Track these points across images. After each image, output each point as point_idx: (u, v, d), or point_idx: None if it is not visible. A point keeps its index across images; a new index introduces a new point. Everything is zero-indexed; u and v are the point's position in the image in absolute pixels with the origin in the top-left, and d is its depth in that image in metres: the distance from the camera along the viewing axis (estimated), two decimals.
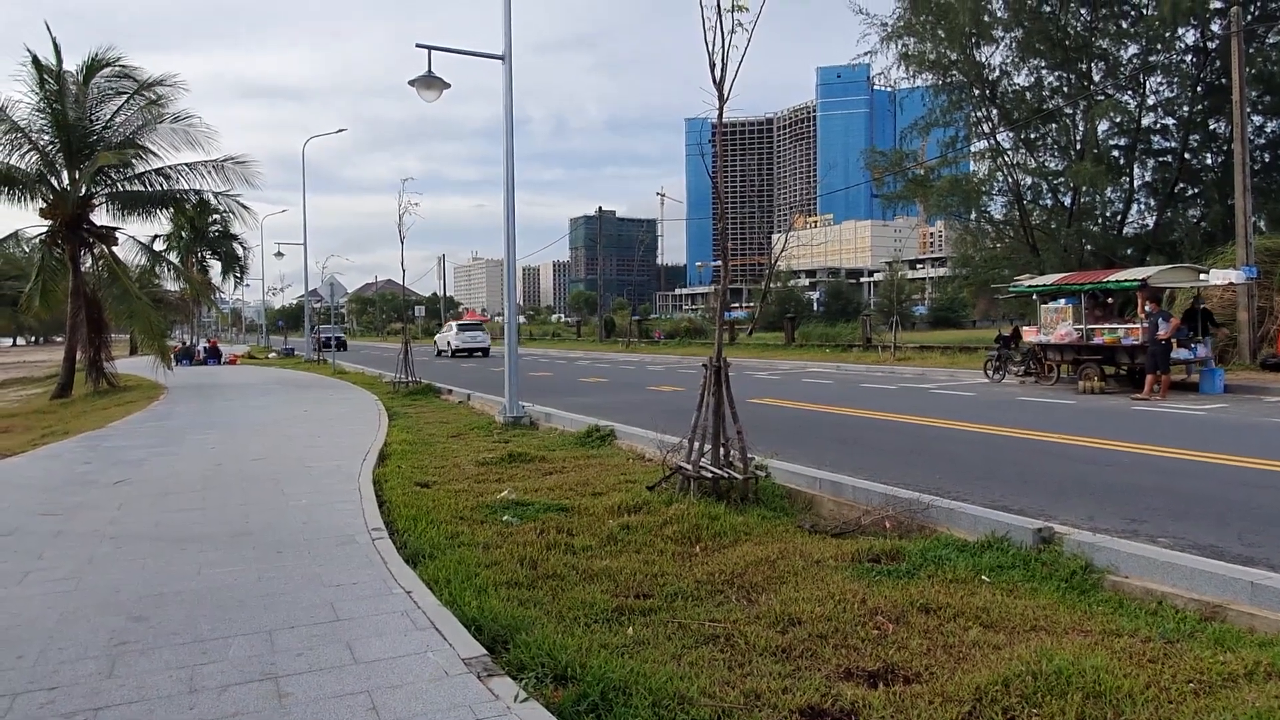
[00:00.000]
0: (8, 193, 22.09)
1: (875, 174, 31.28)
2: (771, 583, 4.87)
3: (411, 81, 13.76)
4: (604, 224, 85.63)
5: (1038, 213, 29.58)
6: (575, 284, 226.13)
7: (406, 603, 4.50)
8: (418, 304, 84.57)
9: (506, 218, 13.20)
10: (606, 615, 4.38)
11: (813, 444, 10.31)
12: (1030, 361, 19.10)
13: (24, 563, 5.46)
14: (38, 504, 7.44)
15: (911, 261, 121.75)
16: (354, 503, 7.16)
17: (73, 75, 22.60)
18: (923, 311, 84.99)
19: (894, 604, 4.43)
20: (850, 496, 6.74)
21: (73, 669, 3.70)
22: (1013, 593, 4.67)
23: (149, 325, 23.78)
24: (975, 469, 8.62)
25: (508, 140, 13.10)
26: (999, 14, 27.04)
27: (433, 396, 18.16)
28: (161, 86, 23.43)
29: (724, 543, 5.74)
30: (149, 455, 10.31)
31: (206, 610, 4.44)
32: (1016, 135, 28.13)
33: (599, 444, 10.30)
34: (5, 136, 21.67)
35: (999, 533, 5.46)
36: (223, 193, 25.36)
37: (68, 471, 9.28)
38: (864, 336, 38.93)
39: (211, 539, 6.01)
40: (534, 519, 6.43)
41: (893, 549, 5.42)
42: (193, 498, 7.54)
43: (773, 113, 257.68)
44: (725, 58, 6.49)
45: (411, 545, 5.75)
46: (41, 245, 23.25)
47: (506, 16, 12.91)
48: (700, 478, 6.79)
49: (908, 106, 30.30)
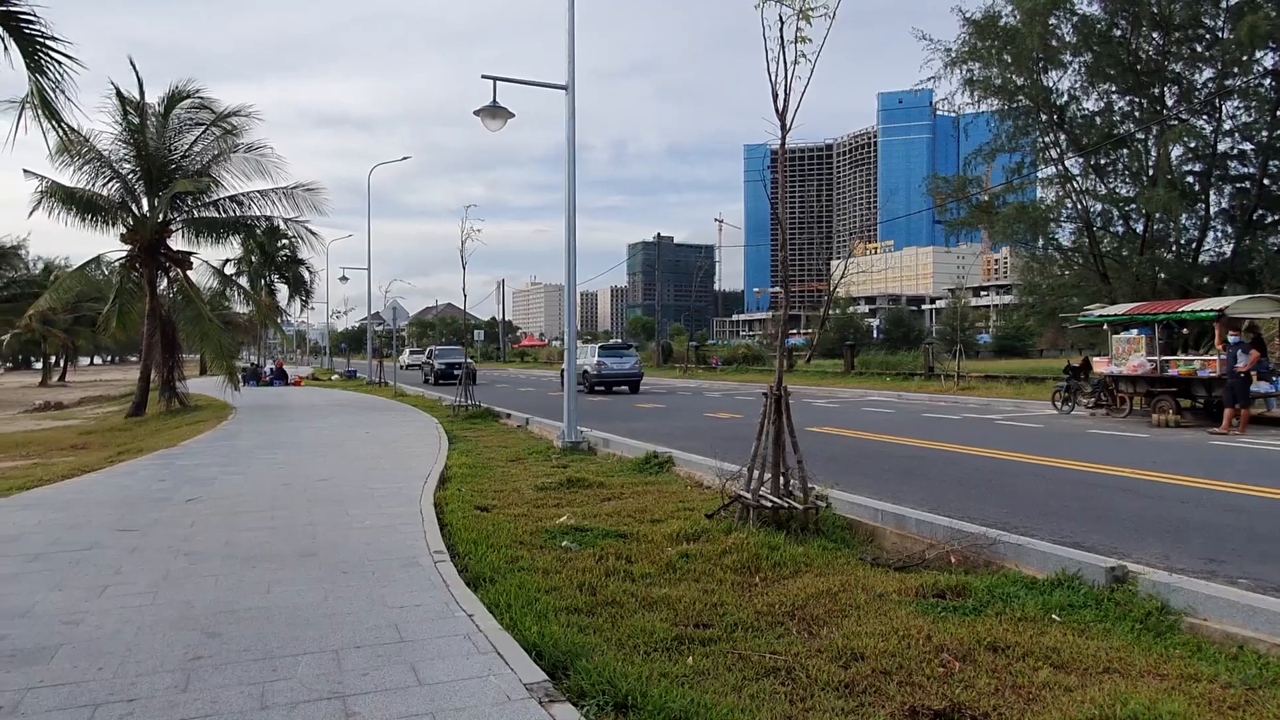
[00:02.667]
0: (91, 218, 23.18)
1: (938, 200, 30.83)
2: (833, 616, 4.79)
3: (477, 111, 14.08)
4: (662, 250, 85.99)
5: (1108, 240, 28.79)
6: (632, 309, 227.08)
7: (468, 626, 4.55)
8: (476, 328, 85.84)
9: (568, 245, 13.36)
10: (666, 644, 4.36)
11: (873, 474, 10.15)
12: (1101, 393, 18.56)
13: (103, 577, 5.66)
14: (115, 520, 7.71)
15: (975, 288, 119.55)
16: (416, 525, 7.27)
17: (153, 107, 23.68)
18: (987, 340, 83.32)
19: (960, 641, 4.33)
20: (914, 529, 6.62)
21: (150, 681, 3.82)
22: (1084, 633, 4.52)
23: (219, 347, 24.60)
24: (1043, 503, 8.39)
25: (569, 167, 13.29)
26: (1068, 39, 26.55)
27: (491, 420, 18.38)
28: (236, 117, 24.43)
29: (784, 573, 5.68)
30: (219, 474, 10.62)
31: (276, 628, 4.55)
32: (1086, 161, 27.48)
33: (657, 470, 10.30)
34: (90, 166, 22.78)
35: (1070, 570, 5.30)
36: (292, 219, 26.28)
37: (143, 489, 9.61)
38: (926, 365, 38.30)
39: (280, 558, 6.15)
40: (593, 545, 6.45)
41: (958, 584, 5.30)
42: (262, 517, 7.74)
43: (832, 138, 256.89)
44: (788, 88, 6.55)
45: (472, 569, 5.81)
46: (121, 269, 24.30)
47: (570, 48, 13.15)
48: (760, 507, 6.74)
49: (972, 132, 29.83)
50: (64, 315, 48.30)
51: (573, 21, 13.05)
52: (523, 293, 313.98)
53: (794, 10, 6.34)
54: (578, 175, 13.47)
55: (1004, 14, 26.78)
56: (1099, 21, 26.20)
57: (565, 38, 13.13)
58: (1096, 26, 26.17)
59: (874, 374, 38.50)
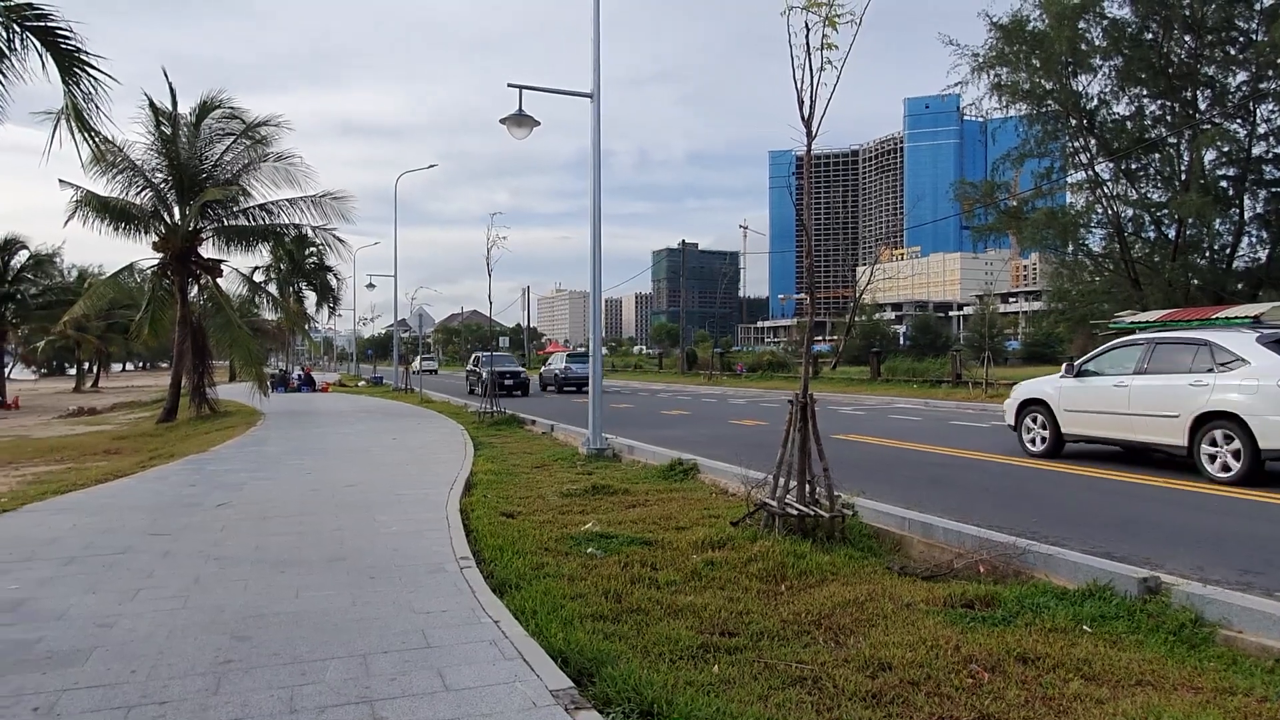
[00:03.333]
0: (124, 227, 23.60)
1: (965, 206, 30.58)
2: (860, 625, 4.76)
3: (503, 120, 14.18)
4: (686, 256, 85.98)
5: (1139, 246, 28.43)
6: (657, 316, 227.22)
7: (494, 632, 4.57)
8: (501, 334, 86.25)
9: (593, 253, 13.40)
10: (692, 652, 4.35)
11: (900, 482, 10.07)
12: None
13: (136, 581, 5.74)
14: (147, 524, 7.83)
15: (1004, 295, 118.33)
16: (442, 531, 7.31)
17: (185, 117, 24.07)
18: (1016, 346, 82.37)
19: (990, 652, 4.28)
20: (941, 538, 6.56)
21: (181, 684, 3.87)
22: (1116, 644, 4.46)
23: (249, 353, 24.93)
24: (1074, 512, 8.28)
25: (595, 175, 13.33)
26: (1097, 42, 26.28)
27: (517, 427, 18.45)
28: (266, 127, 24.76)
29: (810, 582, 5.65)
30: (249, 479, 10.74)
31: (305, 632, 4.59)
32: (1116, 166, 27.15)
33: (682, 478, 10.29)
34: (123, 175, 23.21)
35: (1101, 581, 5.23)
36: (320, 226, 26.58)
37: (174, 493, 9.74)
38: (954, 372, 37.93)
39: (308, 563, 6.21)
40: (618, 552, 6.45)
41: (987, 594, 5.25)
42: (290, 522, 7.82)
43: (858, 144, 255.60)
44: (814, 95, 6.50)
45: (498, 575, 5.84)
46: (153, 276, 24.70)
47: (595, 57, 13.20)
48: (785, 515, 6.71)
49: (1000, 137, 29.57)
50: (97, 322, 49.16)
51: (598, 31, 13.11)
52: (547, 299, 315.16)
53: (820, 17, 6.33)
54: (602, 182, 13.51)
55: (1032, 18, 26.59)
56: (1129, 25, 25.93)
57: (590, 47, 13.19)
58: (1127, 30, 25.90)
59: (901, 381, 38.20)
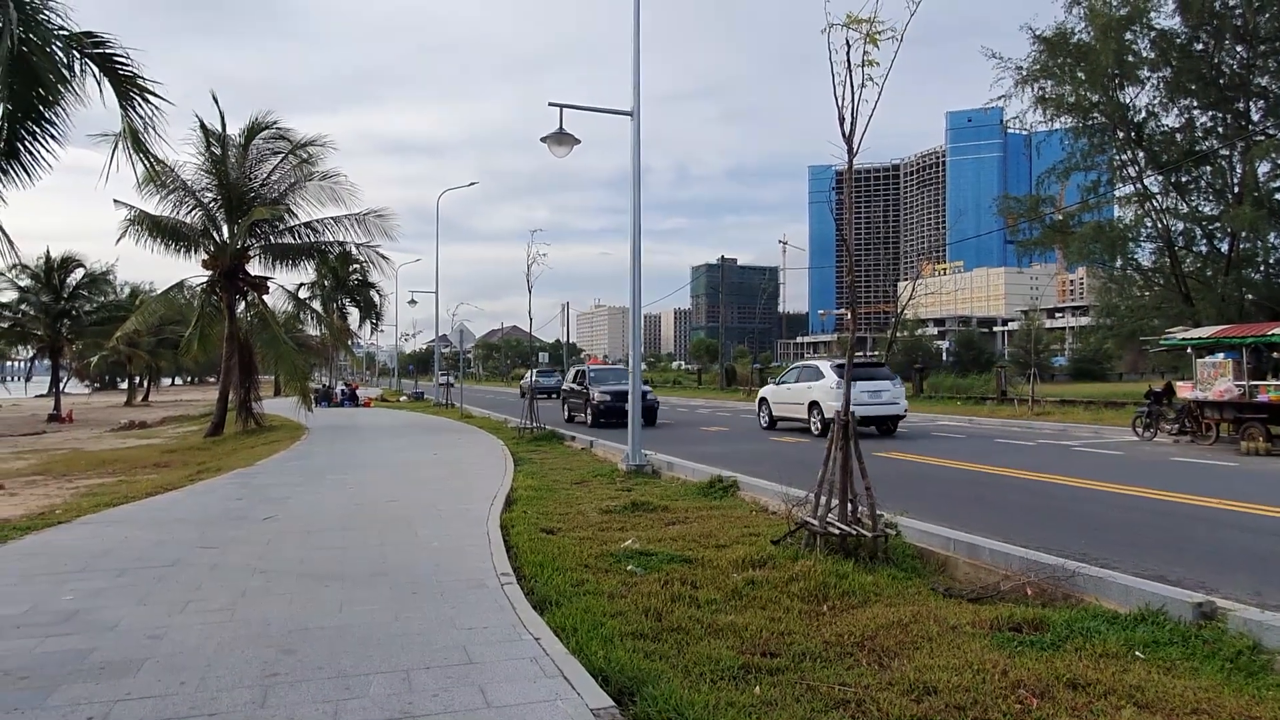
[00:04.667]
0: (175, 245, 24.23)
1: (1010, 220, 30.16)
2: (904, 647, 4.69)
3: (544, 138, 14.31)
4: (725, 272, 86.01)
5: (1190, 260, 27.78)
6: (696, 331, 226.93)
7: (535, 649, 4.58)
8: (541, 350, 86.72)
9: (633, 270, 13.44)
10: (733, 672, 4.32)
11: (944, 501, 9.92)
12: (1185, 419, 17.83)
13: (185, 593, 5.85)
14: (196, 537, 7.98)
15: (1050, 310, 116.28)
16: (482, 547, 7.35)
17: (234, 138, 24.69)
18: (1062, 363, 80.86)
19: (1038, 677, 4.18)
20: (987, 559, 6.44)
21: (229, 696, 3.93)
22: (1170, 671, 4.34)
23: (294, 368, 25.39)
24: (1125, 535, 8.08)
25: (635, 193, 13.39)
26: (1145, 54, 25.82)
27: (556, 442, 18.51)
28: (312, 146, 25.30)
29: (853, 603, 5.58)
30: (293, 493, 10.91)
31: (348, 646, 4.64)
32: (1166, 179, 26.60)
33: (722, 495, 10.24)
34: (174, 195, 23.84)
35: (1154, 605, 5.10)
36: (364, 244, 27.03)
37: (221, 507, 9.92)
38: (999, 389, 37.36)
39: (351, 577, 6.28)
40: (658, 570, 6.43)
41: (1035, 618, 5.13)
42: (334, 536, 7.92)
43: (899, 158, 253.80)
44: (855, 111, 6.49)
45: (539, 592, 5.85)
46: (202, 293, 25.29)
47: (635, 76, 13.28)
48: (827, 534, 6.64)
49: (1045, 150, 29.14)
50: (148, 338, 50.34)
51: (638, 50, 13.19)
52: (586, 315, 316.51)
53: (861, 34, 6.32)
54: (641, 198, 13.56)
55: (1076, 30, 26.22)
56: (1179, 35, 25.45)
57: (630, 66, 13.27)
58: (1176, 41, 25.43)
59: (944, 397, 37.70)
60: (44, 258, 47.60)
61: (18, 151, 9.18)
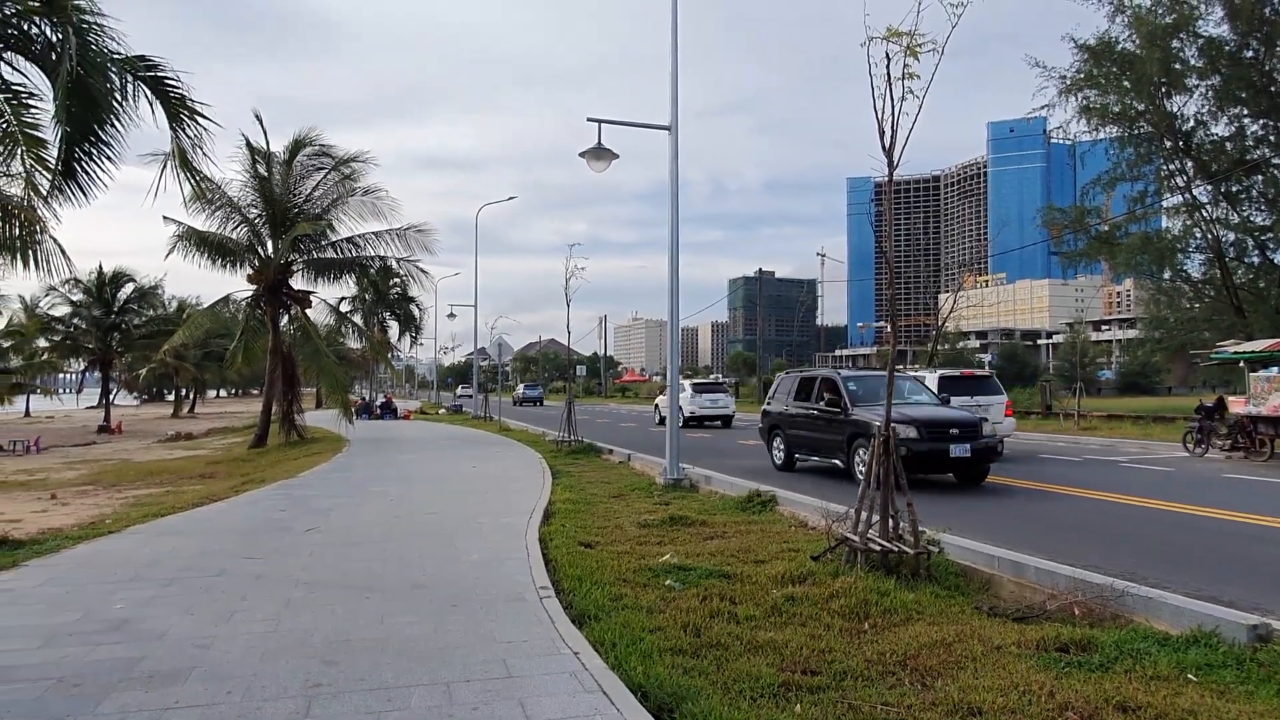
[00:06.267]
0: (221, 260, 24.78)
1: (1054, 232, 29.75)
2: (948, 667, 4.61)
3: (582, 153, 14.40)
4: (763, 285, 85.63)
5: (1242, 271, 27.15)
6: (733, 344, 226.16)
7: (574, 664, 4.58)
8: (579, 363, 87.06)
9: (671, 284, 13.45)
10: (773, 690, 4.28)
11: (987, 518, 9.76)
12: (1238, 435, 17.37)
13: (230, 603, 5.95)
14: (242, 548, 8.11)
15: (1095, 322, 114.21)
16: (521, 560, 7.37)
17: (278, 155, 25.22)
18: (1109, 376, 79.33)
19: (1086, 699, 4.09)
20: (1033, 578, 6.31)
21: (274, 707, 3.98)
22: (1224, 695, 4.21)
23: (335, 381, 25.75)
24: (1175, 553, 7.88)
25: (673, 206, 13.41)
26: (1192, 62, 25.39)
27: (594, 456, 18.53)
28: (355, 162, 25.78)
29: (895, 620, 5.51)
30: (335, 505, 11.04)
31: (389, 659, 4.68)
32: (1215, 188, 26.07)
33: (760, 509, 10.17)
34: (221, 211, 24.40)
35: (1207, 626, 4.96)
36: (404, 258, 27.38)
37: (265, 517, 10.08)
38: (1043, 403, 36.72)
39: (392, 589, 6.34)
40: (696, 585, 6.40)
41: (1083, 638, 5.01)
42: (375, 548, 8.00)
43: (939, 169, 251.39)
44: (895, 125, 6.45)
45: (577, 605, 5.85)
46: (246, 307, 25.81)
47: (673, 90, 13.33)
48: (868, 550, 6.56)
49: (1089, 161, 28.72)
50: (194, 350, 51.44)
51: (675, 65, 13.24)
52: (624, 328, 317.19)
53: (901, 47, 6.28)
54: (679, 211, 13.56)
55: (1121, 39, 25.89)
56: (1227, 43, 24.98)
57: (668, 81, 13.32)
58: (1225, 48, 24.96)
59: None
60: (96, 272, 48.96)
61: (75, 172, 9.47)
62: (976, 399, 17.66)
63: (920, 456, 11.90)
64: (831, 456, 13.70)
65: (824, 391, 14.16)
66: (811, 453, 14.54)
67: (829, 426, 13.65)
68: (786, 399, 15.50)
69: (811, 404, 14.40)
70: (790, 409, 15.21)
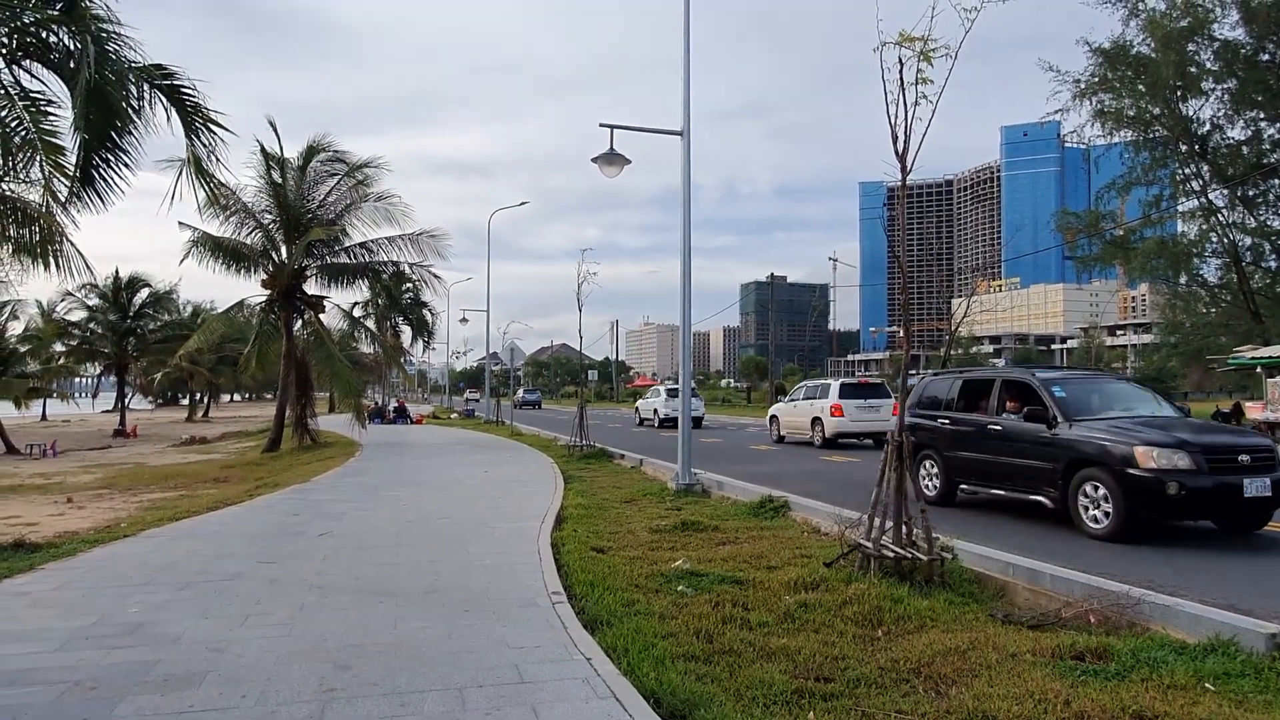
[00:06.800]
0: (236, 266, 24.91)
1: (1068, 236, 29.61)
2: (962, 675, 4.58)
3: (595, 159, 14.42)
4: (774, 289, 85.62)
5: (1259, 276, 26.93)
6: (745, 349, 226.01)
7: (587, 669, 4.58)
8: (591, 368, 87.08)
9: (683, 289, 13.44)
10: (786, 697, 4.27)
11: (1001, 525, 9.70)
12: None
13: (245, 607, 5.98)
14: (255, 552, 8.15)
15: (1111, 327, 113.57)
16: (533, 565, 7.38)
17: (292, 161, 25.36)
18: None
19: (1102, 708, 4.06)
20: (1048, 585, 6.27)
21: (289, 711, 4.00)
22: (1242, 704, 4.18)
23: (348, 386, 25.85)
24: (1191, 561, 7.81)
25: (685, 211, 13.41)
26: (1208, 65, 25.23)
27: (606, 461, 18.52)
28: (368, 168, 25.88)
29: (908, 627, 5.48)
30: (348, 510, 11.08)
31: (402, 663, 4.69)
32: (1232, 193, 25.88)
33: (772, 515, 10.14)
34: (235, 217, 24.55)
35: (1225, 635, 4.92)
36: (417, 263, 27.49)
37: (279, 522, 10.12)
38: None
39: (405, 594, 6.35)
40: (708, 590, 6.39)
41: (1099, 646, 4.98)
42: (387, 553, 8.03)
43: (952, 174, 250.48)
44: (908, 130, 6.43)
45: (590, 611, 5.85)
46: (260, 312, 25.95)
47: (686, 96, 13.33)
48: (881, 557, 6.54)
49: (1104, 165, 28.60)
50: (209, 355, 51.78)
51: (688, 70, 13.25)
52: (635, 333, 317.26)
53: (914, 52, 6.27)
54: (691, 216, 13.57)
55: (1135, 43, 25.77)
56: (1243, 46, 24.83)
57: (681, 85, 13.33)
58: (1241, 52, 24.81)
59: None
60: (112, 278, 49.38)
61: (92, 178, 9.56)
62: (869, 401, 21.47)
63: (1199, 497, 8.34)
64: (1029, 490, 10.05)
65: (1009, 399, 10.63)
66: (991, 482, 10.79)
67: (1027, 448, 9.99)
68: (941, 408, 11.74)
69: (990, 416, 10.70)
70: (949, 422, 11.42)
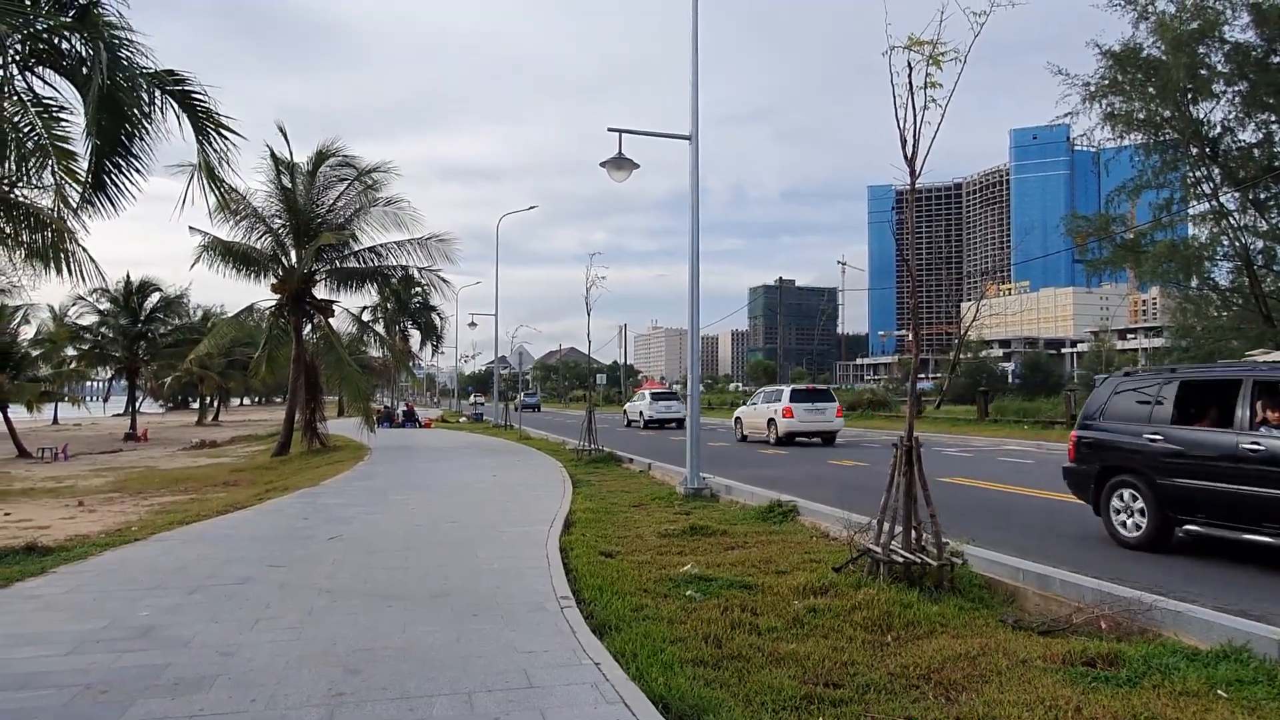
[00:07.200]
0: (246, 270, 25.02)
1: (1078, 240, 29.47)
2: (972, 681, 4.56)
3: (603, 163, 14.45)
4: (783, 293, 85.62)
5: (1271, 279, 26.75)
6: (753, 353, 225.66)
7: (595, 674, 4.58)
8: (599, 372, 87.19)
9: (691, 293, 13.45)
10: (795, 703, 4.26)
11: (1012, 530, 9.66)
12: None
13: (255, 611, 6.00)
14: (265, 556, 8.17)
15: (1121, 331, 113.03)
16: (542, 569, 7.38)
17: (301, 166, 25.46)
18: None
19: (1114, 715, 4.04)
20: (1059, 591, 6.24)
21: (298, 715, 4.01)
22: (1255, 711, 4.15)
23: (357, 390, 25.93)
24: (1203, 567, 7.75)
25: (693, 216, 13.42)
26: (1219, 68, 25.10)
27: (614, 465, 18.52)
28: (377, 173, 25.95)
29: (918, 633, 5.46)
30: (357, 513, 11.11)
31: (411, 668, 4.70)
32: (1244, 196, 25.72)
33: (781, 520, 10.12)
34: (245, 221, 24.67)
35: (1237, 641, 4.89)
36: (425, 268, 27.57)
37: (289, 526, 10.15)
38: (1068, 412, 36.20)
39: (414, 598, 6.37)
40: (717, 595, 6.38)
41: (1110, 652, 4.95)
42: (396, 557, 8.04)
43: (961, 177, 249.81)
44: (917, 134, 6.43)
45: (598, 616, 5.85)
46: (270, 316, 26.07)
47: (694, 100, 13.36)
48: (891, 562, 6.51)
49: (1114, 168, 28.44)
50: (219, 359, 51.98)
51: (696, 75, 13.27)
52: (644, 337, 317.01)
53: (923, 56, 6.26)
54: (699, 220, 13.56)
55: (1145, 45, 25.64)
56: (1255, 49, 24.70)
57: (689, 89, 13.35)
58: (1252, 54, 24.68)
59: (1010, 421, 36.70)
60: (124, 282, 49.60)
61: (104, 184, 9.62)
62: (817, 404, 23.83)
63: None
64: None
65: (1271, 407, 7.63)
66: (1242, 523, 7.53)
67: None
68: (1147, 421, 8.61)
69: (1240, 431, 7.64)
70: (1165, 439, 8.30)
